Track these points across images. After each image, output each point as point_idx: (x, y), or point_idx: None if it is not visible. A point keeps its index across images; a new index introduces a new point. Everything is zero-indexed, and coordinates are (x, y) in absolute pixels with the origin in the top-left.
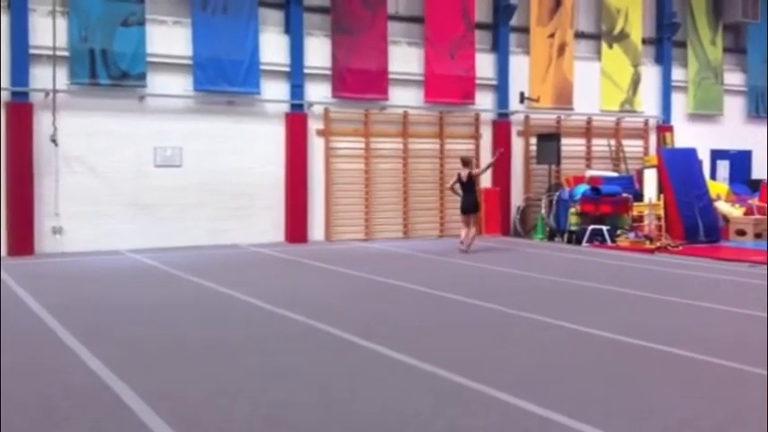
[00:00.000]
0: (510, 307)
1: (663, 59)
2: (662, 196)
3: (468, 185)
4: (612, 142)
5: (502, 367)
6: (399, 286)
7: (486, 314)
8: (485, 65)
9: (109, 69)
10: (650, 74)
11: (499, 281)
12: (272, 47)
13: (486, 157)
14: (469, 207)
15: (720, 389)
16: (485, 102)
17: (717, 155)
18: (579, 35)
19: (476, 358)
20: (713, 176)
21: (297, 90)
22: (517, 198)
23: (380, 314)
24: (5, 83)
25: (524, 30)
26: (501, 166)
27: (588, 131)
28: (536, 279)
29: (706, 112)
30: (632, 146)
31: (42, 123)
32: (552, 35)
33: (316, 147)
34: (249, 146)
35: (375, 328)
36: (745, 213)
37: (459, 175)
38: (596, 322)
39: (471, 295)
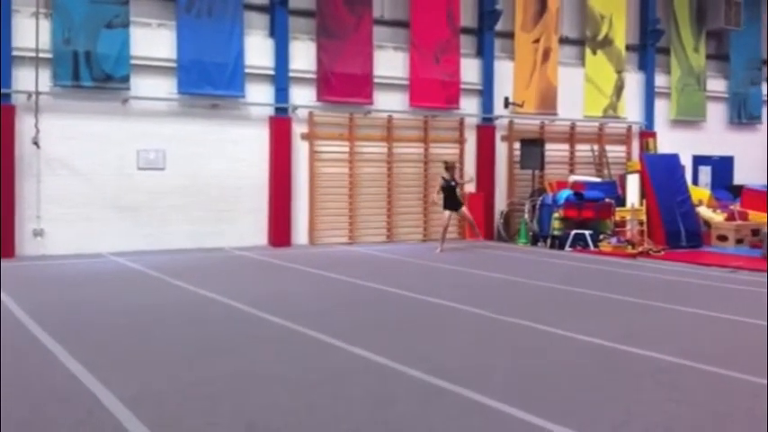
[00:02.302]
0: (493, 311)
1: (646, 66)
2: (644, 201)
3: (451, 189)
4: (596, 147)
5: (484, 371)
6: (382, 290)
7: (469, 318)
8: (470, 70)
9: (92, 71)
10: (633, 80)
11: (482, 285)
12: (257, 50)
13: (469, 161)
14: (455, 205)
15: (699, 393)
16: (469, 106)
17: (699, 161)
18: (564, 41)
19: (458, 362)
20: (695, 182)
21: (281, 93)
22: (501, 203)
23: (363, 318)
24: None
25: (509, 35)
26: (485, 172)
27: (572, 137)
28: (519, 283)
29: (688, 118)
30: (615, 151)
31: (25, 125)
32: (537, 41)
33: (300, 150)
34: (233, 149)
35: (358, 331)
36: (727, 219)
37: (444, 179)
38: (578, 326)
39: (454, 299)
